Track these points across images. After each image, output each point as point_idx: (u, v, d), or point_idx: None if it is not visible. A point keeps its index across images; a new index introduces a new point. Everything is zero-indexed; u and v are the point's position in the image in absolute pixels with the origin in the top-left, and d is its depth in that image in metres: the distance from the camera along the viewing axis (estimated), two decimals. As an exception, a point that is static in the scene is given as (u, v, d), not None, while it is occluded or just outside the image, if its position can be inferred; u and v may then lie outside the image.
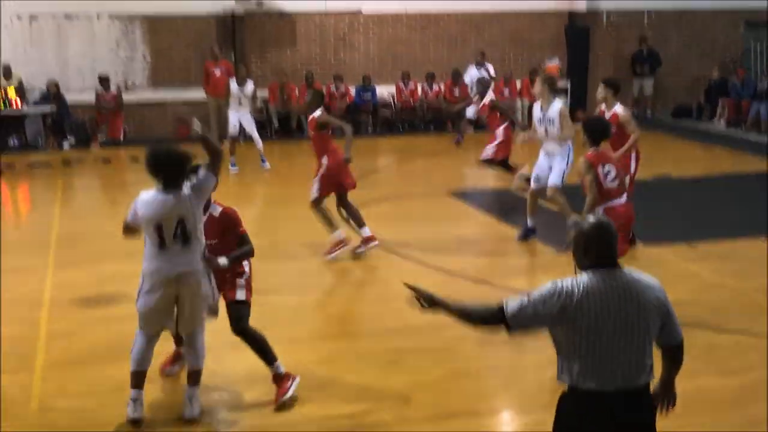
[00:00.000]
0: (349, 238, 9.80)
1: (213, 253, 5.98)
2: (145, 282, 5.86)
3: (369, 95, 19.46)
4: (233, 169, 14.70)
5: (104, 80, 17.80)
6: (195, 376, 6.04)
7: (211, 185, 5.88)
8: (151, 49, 18.72)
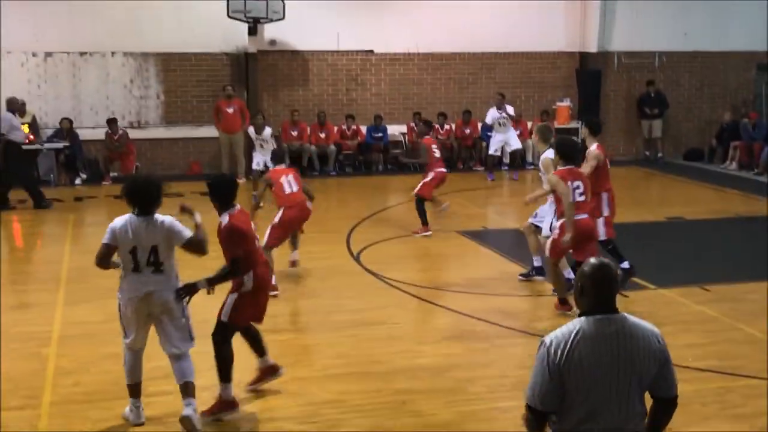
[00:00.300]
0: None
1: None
2: (122, 303, 6.37)
3: (380, 134, 19.52)
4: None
5: (112, 121, 17.93)
6: (190, 389, 6.37)
7: (181, 242, 6.27)
8: (165, 87, 18.87)
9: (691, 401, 6.55)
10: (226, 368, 6.59)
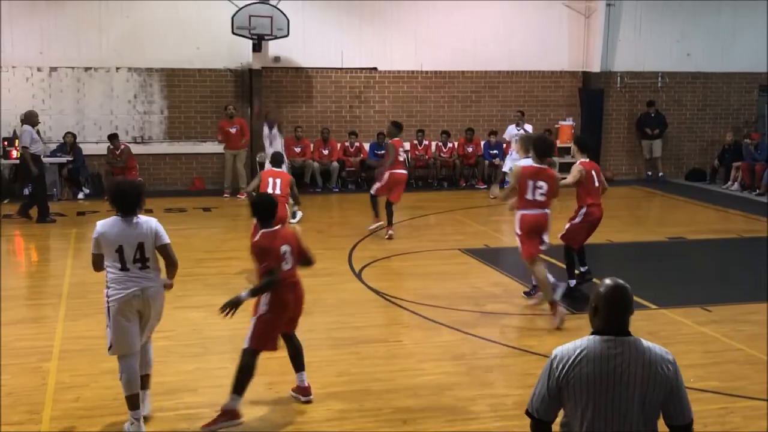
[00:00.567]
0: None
1: (259, 277, 6.75)
2: (111, 307, 6.51)
3: (383, 152, 19.50)
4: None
5: (113, 137, 17.98)
6: (145, 380, 6.76)
7: (161, 243, 6.60)
8: (168, 102, 18.94)
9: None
10: (242, 381, 6.70)
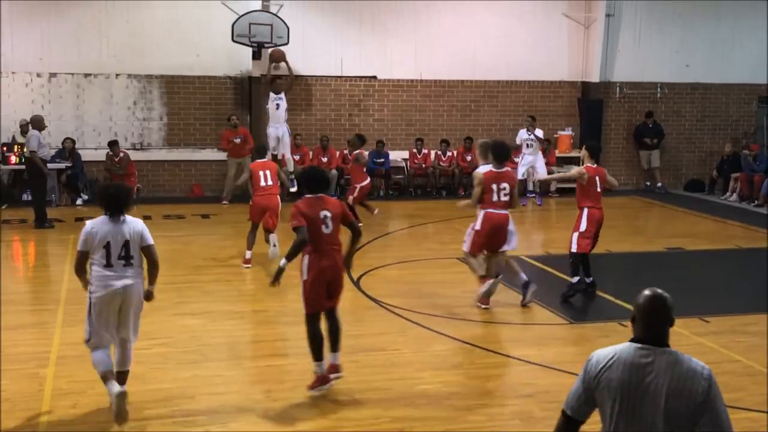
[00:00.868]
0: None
1: None
2: (93, 304, 6.82)
3: (382, 160, 19.57)
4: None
5: (113, 143, 18.01)
6: (123, 377, 7.02)
7: (146, 244, 6.98)
8: (168, 109, 18.95)
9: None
10: (313, 348, 7.43)
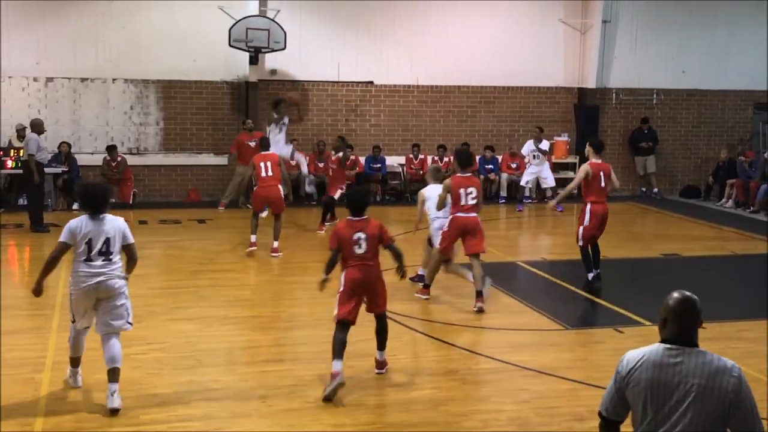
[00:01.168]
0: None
1: None
2: (72, 295, 7.31)
3: (378, 165, 19.59)
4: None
5: (111, 148, 18.02)
6: (116, 374, 7.16)
7: (127, 242, 7.37)
8: (164, 114, 18.95)
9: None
10: (335, 348, 7.76)
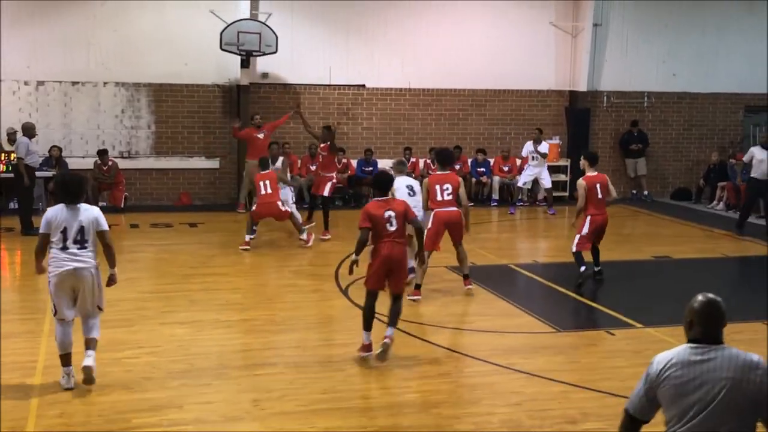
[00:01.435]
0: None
1: None
2: (51, 282, 7.64)
3: (370, 168, 19.59)
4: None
5: (103, 152, 18.00)
6: (93, 343, 7.76)
7: (100, 228, 7.69)
8: (156, 117, 18.92)
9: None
10: (364, 319, 8.53)
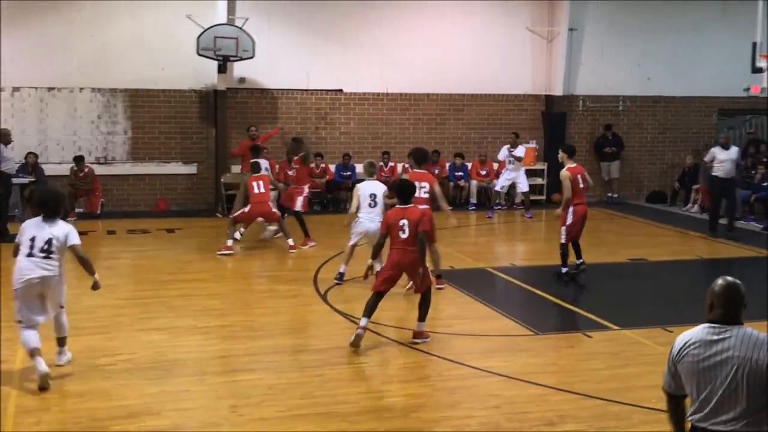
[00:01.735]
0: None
1: None
2: (17, 289, 7.88)
3: (348, 173, 19.61)
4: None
5: (79, 159, 17.93)
6: (62, 341, 8.36)
7: (72, 243, 8.03)
8: (132, 123, 18.85)
9: (654, 443, 6.60)
10: (365, 307, 9.28)
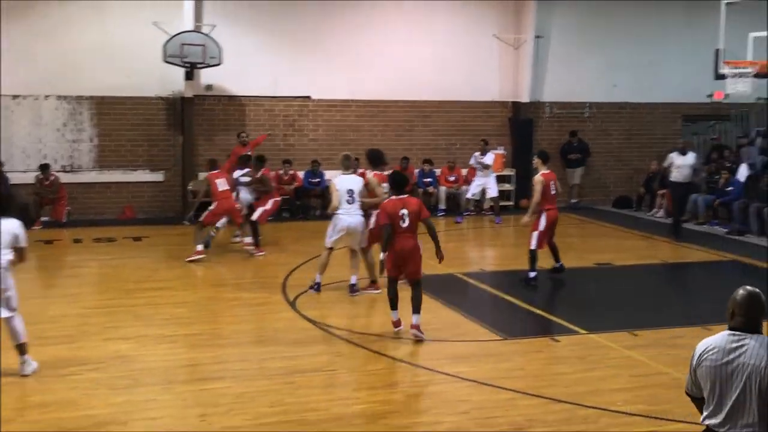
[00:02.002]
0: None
1: None
2: None
3: (317, 180, 19.59)
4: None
5: (44, 167, 17.77)
6: (22, 349, 8.29)
7: (18, 244, 8.29)
8: (98, 130, 18.70)
9: (621, 445, 6.66)
10: (390, 300, 9.94)
